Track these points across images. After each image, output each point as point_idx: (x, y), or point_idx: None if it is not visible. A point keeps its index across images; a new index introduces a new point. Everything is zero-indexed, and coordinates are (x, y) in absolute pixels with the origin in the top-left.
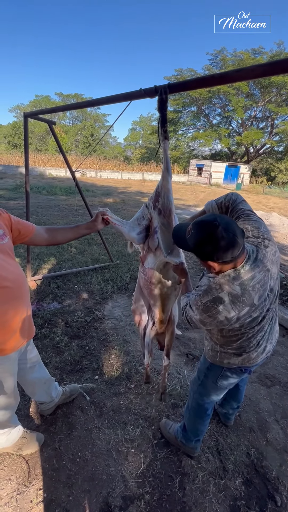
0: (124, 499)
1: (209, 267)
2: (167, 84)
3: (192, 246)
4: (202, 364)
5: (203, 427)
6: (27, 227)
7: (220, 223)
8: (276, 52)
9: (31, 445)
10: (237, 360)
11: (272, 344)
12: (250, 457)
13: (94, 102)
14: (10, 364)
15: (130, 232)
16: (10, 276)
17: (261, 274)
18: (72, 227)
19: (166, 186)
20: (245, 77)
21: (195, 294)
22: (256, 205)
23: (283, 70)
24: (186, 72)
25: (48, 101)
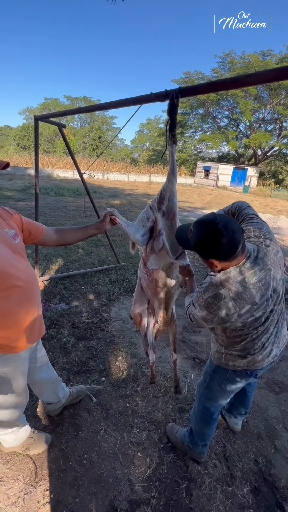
0: (130, 503)
1: (211, 265)
2: (178, 88)
3: (194, 245)
4: (208, 366)
5: (209, 432)
6: (38, 228)
7: (219, 222)
8: (285, 54)
9: (39, 445)
10: (242, 362)
11: (279, 348)
12: (258, 464)
13: (104, 105)
14: (21, 362)
15: (135, 233)
16: (23, 276)
17: (263, 273)
18: (81, 228)
19: (171, 189)
20: (256, 81)
21: (197, 291)
22: (263, 208)
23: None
24: (194, 75)
25: (57, 104)
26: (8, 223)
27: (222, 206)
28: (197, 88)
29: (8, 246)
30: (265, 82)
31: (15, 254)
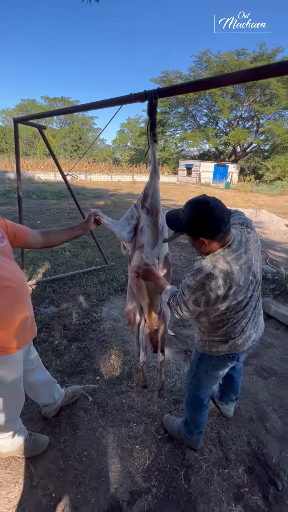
0: (132, 493)
1: (200, 245)
2: (156, 89)
3: (186, 223)
4: (194, 355)
5: (202, 418)
6: (22, 231)
7: (210, 201)
8: (259, 53)
9: (37, 448)
10: (224, 347)
11: (257, 334)
12: (251, 446)
13: (86, 106)
14: (16, 364)
15: (121, 231)
16: (13, 277)
17: (246, 256)
18: (66, 229)
19: (154, 187)
20: (231, 81)
21: (187, 276)
22: (245, 203)
23: (266, 75)
24: (172, 74)
25: (34, 105)
26: None
27: None
28: (176, 89)
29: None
30: (239, 82)
31: (3, 256)
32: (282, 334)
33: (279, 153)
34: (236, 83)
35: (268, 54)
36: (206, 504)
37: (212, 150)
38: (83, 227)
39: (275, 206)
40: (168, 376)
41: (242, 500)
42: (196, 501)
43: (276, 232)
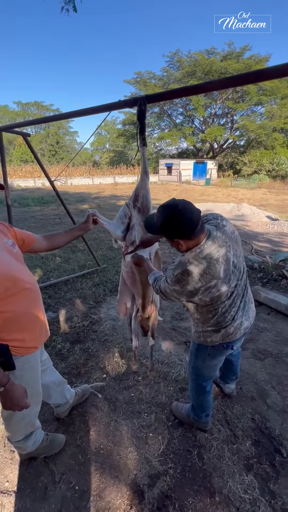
0: (151, 477)
1: (177, 245)
2: (145, 95)
3: (159, 227)
4: (192, 346)
5: (207, 403)
6: (29, 236)
7: (178, 204)
8: (228, 52)
9: (54, 447)
10: (217, 337)
11: (249, 321)
12: (255, 421)
13: (74, 113)
14: (36, 363)
15: (116, 230)
16: (29, 279)
17: (223, 249)
18: (67, 231)
19: (145, 187)
20: (215, 88)
21: (170, 269)
22: (226, 198)
23: (248, 81)
24: (145, 74)
25: (6, 111)
26: (5, 233)
27: (189, 200)
28: (163, 95)
29: (11, 254)
30: (222, 88)
31: (17, 261)
32: (273, 318)
33: (254, 147)
34: (220, 89)
35: (236, 53)
36: (220, 478)
37: (190, 148)
38: (83, 227)
39: (254, 199)
40: (172, 367)
41: (252, 470)
42: (211, 476)
43: (258, 223)
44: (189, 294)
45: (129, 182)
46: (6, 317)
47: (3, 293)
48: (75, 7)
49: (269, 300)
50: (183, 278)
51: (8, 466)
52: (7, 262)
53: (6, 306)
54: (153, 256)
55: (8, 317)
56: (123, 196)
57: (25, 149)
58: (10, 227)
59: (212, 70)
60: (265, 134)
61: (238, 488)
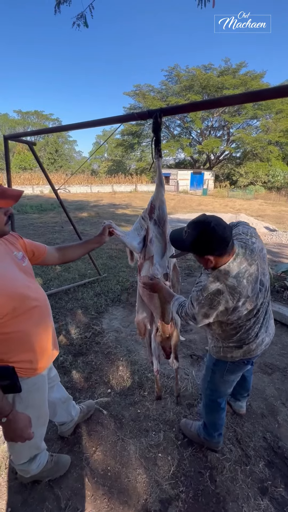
0: (162, 502)
1: (206, 262)
2: (159, 108)
3: (190, 244)
4: (209, 361)
5: (221, 421)
6: (40, 248)
7: (211, 221)
8: (224, 68)
9: (59, 469)
10: (238, 352)
11: (269, 337)
12: (267, 440)
13: (84, 124)
14: (43, 383)
15: (132, 242)
16: (38, 296)
17: (252, 268)
18: (81, 244)
19: (161, 199)
20: (233, 102)
21: (196, 290)
22: (224, 208)
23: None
24: (144, 87)
25: (6, 119)
26: (15, 246)
27: (187, 210)
28: (178, 108)
29: (20, 269)
30: (240, 103)
31: (26, 276)
32: (277, 330)
33: (250, 159)
34: (237, 104)
35: (233, 69)
36: (235, 502)
37: (188, 158)
38: (98, 240)
39: (251, 210)
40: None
41: (267, 493)
42: (225, 501)
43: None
44: (220, 315)
45: (127, 191)
46: (13, 337)
47: (10, 313)
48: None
49: (273, 312)
50: (215, 299)
51: (10, 491)
52: (15, 279)
53: (13, 326)
54: (171, 270)
55: (15, 338)
56: (121, 204)
57: (23, 157)
58: (20, 237)
59: (209, 85)
60: (260, 147)
61: None
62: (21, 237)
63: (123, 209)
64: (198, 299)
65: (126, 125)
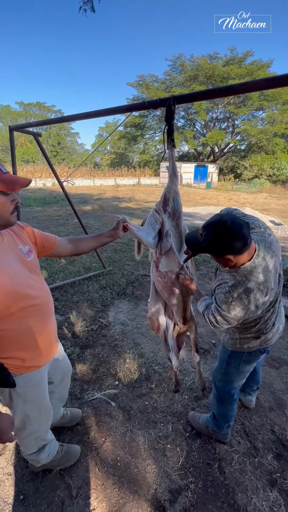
0: (172, 492)
1: (226, 262)
2: (172, 96)
3: (207, 246)
4: (223, 353)
5: (232, 412)
6: (50, 239)
7: (227, 220)
8: (230, 57)
9: (70, 458)
10: (256, 343)
11: (282, 325)
12: (275, 433)
13: (92, 114)
14: (39, 379)
15: (147, 237)
16: (38, 294)
17: (273, 260)
18: (94, 237)
19: (175, 190)
20: (248, 90)
21: (222, 292)
22: (228, 202)
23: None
24: (148, 77)
25: (8, 111)
26: (22, 238)
27: (191, 203)
28: (192, 96)
29: (23, 264)
30: (256, 90)
31: (30, 272)
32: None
33: (255, 152)
34: (253, 91)
35: (239, 58)
36: (244, 494)
37: (191, 151)
38: (112, 234)
39: (256, 203)
40: (185, 374)
41: (276, 485)
42: (234, 491)
43: None
44: (251, 313)
45: (130, 184)
46: (5, 335)
47: (3, 311)
48: (93, 7)
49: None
50: (246, 297)
51: (22, 479)
52: (15, 276)
53: (6, 324)
54: (188, 263)
55: (7, 336)
56: (125, 198)
57: (26, 149)
58: (27, 226)
59: (215, 75)
60: (266, 139)
61: (264, 505)
62: (29, 225)
63: (127, 203)
64: (227, 301)
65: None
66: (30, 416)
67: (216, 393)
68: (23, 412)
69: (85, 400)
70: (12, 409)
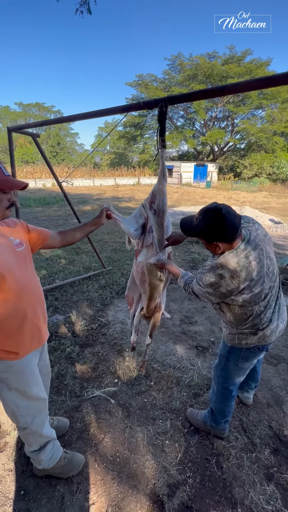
0: (170, 486)
1: (214, 248)
2: (166, 97)
3: (201, 230)
4: (222, 349)
5: (230, 408)
6: (43, 233)
7: (222, 207)
8: (229, 56)
9: (73, 467)
10: (253, 339)
11: (283, 324)
12: (272, 429)
13: (89, 114)
14: (25, 367)
15: (129, 228)
16: (21, 281)
17: (256, 252)
18: (80, 226)
19: (162, 190)
20: (241, 89)
21: (201, 273)
22: (228, 201)
23: (274, 84)
24: (147, 77)
25: (8, 111)
26: (14, 232)
27: (190, 203)
28: (185, 96)
29: (12, 252)
30: (249, 90)
31: (18, 262)
32: None
33: (255, 151)
34: (246, 91)
35: (238, 57)
36: (241, 488)
37: (191, 150)
38: (96, 222)
39: (256, 202)
40: (184, 372)
41: (273, 479)
42: (231, 486)
43: None
44: (222, 296)
45: (129, 184)
46: None
47: None
48: (89, 9)
49: None
50: (217, 281)
51: (23, 475)
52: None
53: None
54: (166, 257)
55: None
56: (125, 197)
57: (25, 150)
58: (20, 222)
59: (213, 74)
60: (265, 138)
61: (260, 498)
62: (22, 222)
63: (126, 202)
64: (203, 279)
65: (128, 117)
66: (19, 405)
67: (215, 389)
68: (10, 399)
69: (84, 397)
70: (0, 395)
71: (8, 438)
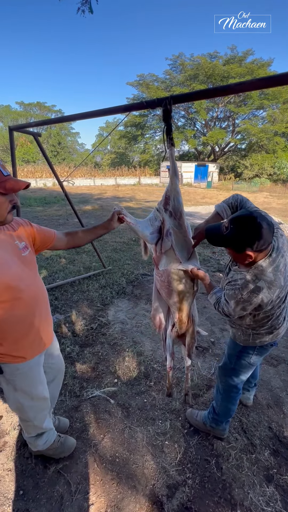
0: (169, 487)
1: (244, 258)
2: (170, 96)
3: (232, 239)
4: (232, 349)
5: (235, 407)
6: (50, 234)
7: (257, 216)
8: (230, 56)
9: (65, 450)
10: (268, 337)
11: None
12: (272, 430)
13: (91, 114)
14: (31, 369)
15: (144, 230)
16: (28, 287)
17: (283, 259)
18: (89, 229)
19: (175, 189)
20: (245, 89)
21: (232, 289)
22: None
23: (278, 83)
24: (148, 77)
25: (9, 111)
26: (18, 235)
27: (192, 202)
28: (189, 95)
29: (18, 258)
30: (252, 90)
31: (24, 266)
32: None
33: (256, 151)
34: (250, 91)
35: (239, 57)
36: (241, 489)
37: (192, 150)
38: (106, 226)
39: (257, 203)
40: (184, 372)
41: (272, 481)
42: (231, 487)
43: None
44: (258, 308)
45: (130, 183)
46: None
47: None
48: (91, 8)
49: None
50: (255, 295)
51: (22, 474)
52: (6, 267)
53: None
54: (198, 263)
55: None
56: (125, 197)
57: (26, 149)
58: (26, 223)
59: (215, 74)
60: (266, 138)
61: (260, 500)
62: (30, 223)
63: (127, 202)
64: (236, 297)
65: (129, 116)
66: (24, 405)
67: (221, 389)
68: (15, 399)
69: (84, 397)
70: (6, 394)
71: (8, 437)
